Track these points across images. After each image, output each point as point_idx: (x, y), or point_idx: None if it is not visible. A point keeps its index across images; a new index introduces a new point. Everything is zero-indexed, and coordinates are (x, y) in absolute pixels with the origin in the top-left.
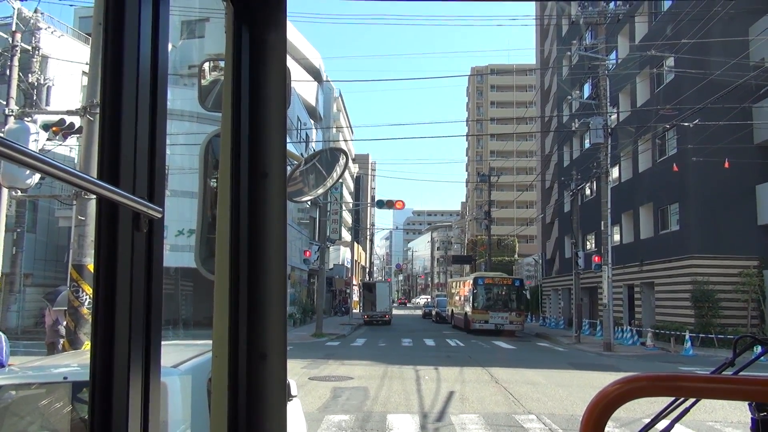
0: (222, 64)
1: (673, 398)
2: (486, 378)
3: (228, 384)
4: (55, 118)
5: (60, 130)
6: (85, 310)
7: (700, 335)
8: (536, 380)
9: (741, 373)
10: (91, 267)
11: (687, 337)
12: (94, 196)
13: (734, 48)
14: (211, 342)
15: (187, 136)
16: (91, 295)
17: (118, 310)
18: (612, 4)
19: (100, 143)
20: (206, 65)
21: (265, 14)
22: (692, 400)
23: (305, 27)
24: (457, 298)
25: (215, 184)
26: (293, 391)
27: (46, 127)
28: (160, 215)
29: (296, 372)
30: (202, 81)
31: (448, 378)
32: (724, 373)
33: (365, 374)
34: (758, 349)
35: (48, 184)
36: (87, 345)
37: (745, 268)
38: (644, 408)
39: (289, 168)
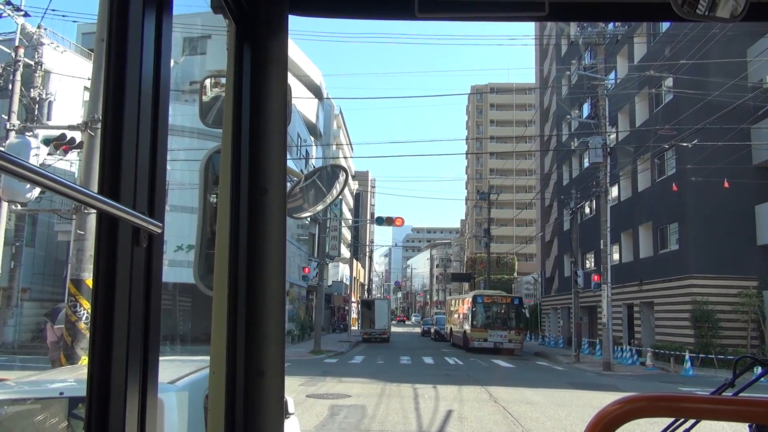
0: (223, 80)
1: (673, 419)
2: (485, 397)
3: (225, 401)
4: (57, 132)
5: (60, 144)
6: (83, 325)
7: (700, 355)
8: (535, 400)
9: (741, 395)
10: (89, 282)
11: (687, 357)
12: (94, 211)
13: (732, 69)
14: (208, 358)
15: (188, 152)
16: (89, 310)
17: (116, 325)
18: (610, 25)
19: (101, 158)
20: (208, 81)
21: (267, 32)
22: (692, 421)
23: (306, 44)
24: (456, 316)
25: (215, 200)
26: (290, 408)
27: (47, 141)
28: (160, 230)
29: (293, 389)
30: (204, 97)
31: (446, 396)
32: (724, 394)
33: (363, 392)
34: (758, 370)
35: (48, 198)
36: (84, 360)
37: (745, 289)
38: (644, 428)
39: (288, 184)
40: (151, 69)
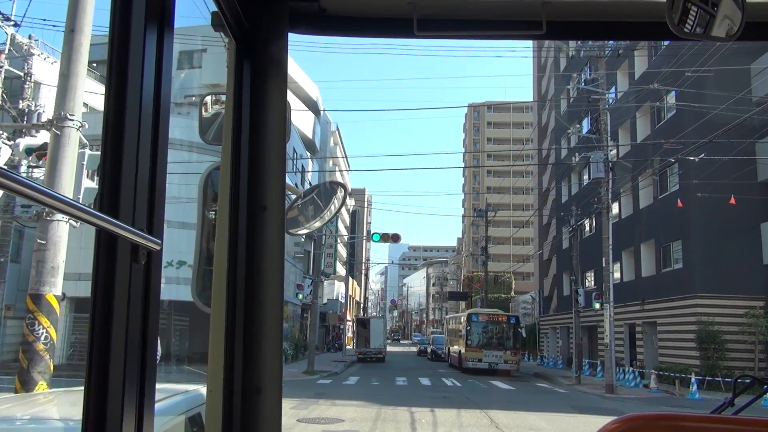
0: (223, 97)
1: None
2: (485, 422)
3: (222, 418)
4: (39, 141)
5: (43, 154)
6: (41, 346)
7: (706, 378)
8: (539, 425)
9: (741, 414)
10: (50, 297)
11: (693, 379)
12: (59, 218)
13: (736, 84)
14: (198, 377)
15: (187, 167)
16: (50, 329)
17: (113, 342)
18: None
19: (101, 174)
20: (208, 98)
21: (267, 50)
22: None
23: (303, 58)
24: (453, 335)
25: (214, 217)
26: None
27: (29, 151)
28: (158, 247)
29: (285, 412)
30: (203, 113)
31: (444, 421)
32: (724, 413)
33: (357, 416)
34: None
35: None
36: (41, 386)
37: (751, 309)
38: None
39: (287, 201)
40: (151, 86)
